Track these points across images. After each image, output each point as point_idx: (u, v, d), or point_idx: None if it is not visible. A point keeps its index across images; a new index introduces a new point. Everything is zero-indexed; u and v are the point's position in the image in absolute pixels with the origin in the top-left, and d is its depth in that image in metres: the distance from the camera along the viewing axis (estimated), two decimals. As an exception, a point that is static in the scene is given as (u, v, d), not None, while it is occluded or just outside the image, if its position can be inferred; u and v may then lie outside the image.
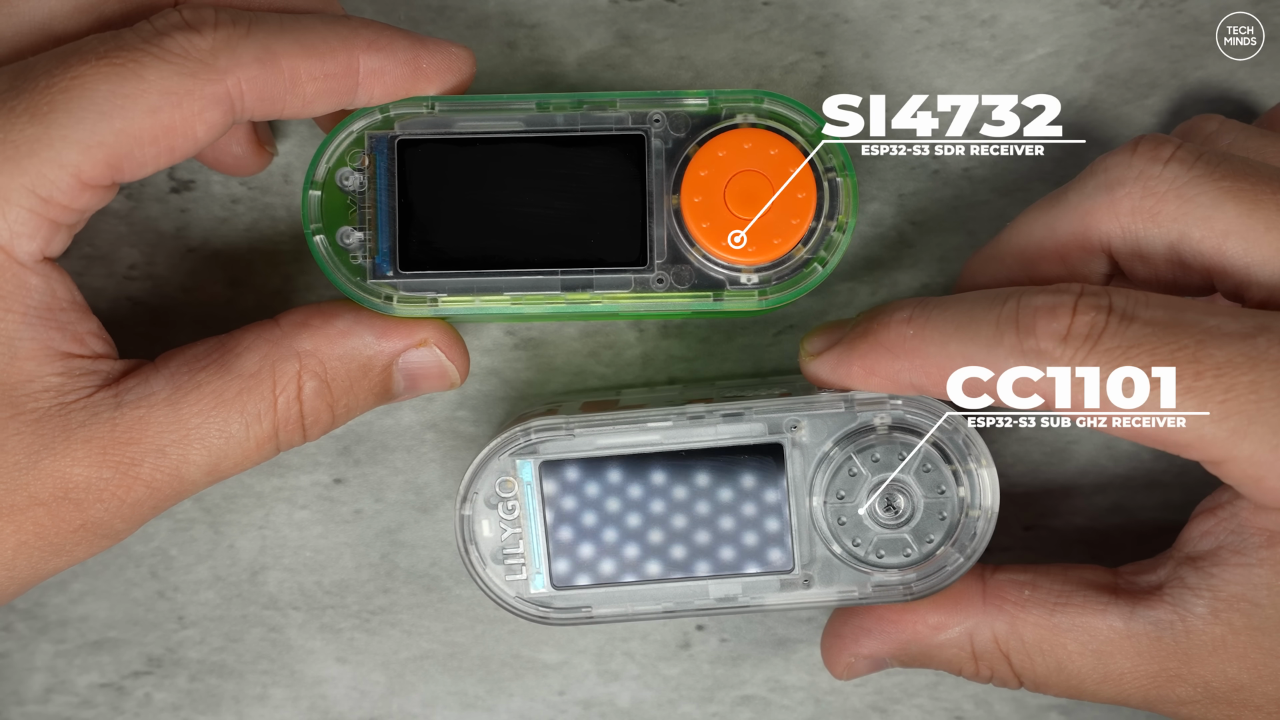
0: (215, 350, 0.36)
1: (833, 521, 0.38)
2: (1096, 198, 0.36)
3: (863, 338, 0.37)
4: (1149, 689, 0.36)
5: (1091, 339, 0.34)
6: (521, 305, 0.38)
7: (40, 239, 0.34)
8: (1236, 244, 0.35)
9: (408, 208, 0.38)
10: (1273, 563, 0.35)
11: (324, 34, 0.35)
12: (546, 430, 0.38)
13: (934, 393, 0.36)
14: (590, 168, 0.38)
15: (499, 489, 0.38)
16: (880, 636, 0.38)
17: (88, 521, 0.35)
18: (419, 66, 0.37)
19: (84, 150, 0.33)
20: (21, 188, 0.33)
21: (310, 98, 0.36)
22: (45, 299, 0.35)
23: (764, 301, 0.38)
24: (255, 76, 0.35)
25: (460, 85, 0.38)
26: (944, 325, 0.35)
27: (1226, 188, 0.35)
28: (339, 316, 0.37)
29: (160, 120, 0.34)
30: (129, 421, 0.35)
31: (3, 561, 0.35)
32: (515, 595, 0.38)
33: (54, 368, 0.35)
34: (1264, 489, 0.34)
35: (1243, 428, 0.33)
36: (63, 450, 0.34)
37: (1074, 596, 0.37)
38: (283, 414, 0.37)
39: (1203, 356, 0.33)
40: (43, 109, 0.33)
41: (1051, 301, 0.34)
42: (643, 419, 0.38)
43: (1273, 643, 0.35)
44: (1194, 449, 0.34)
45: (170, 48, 0.34)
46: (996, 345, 0.34)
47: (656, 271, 0.38)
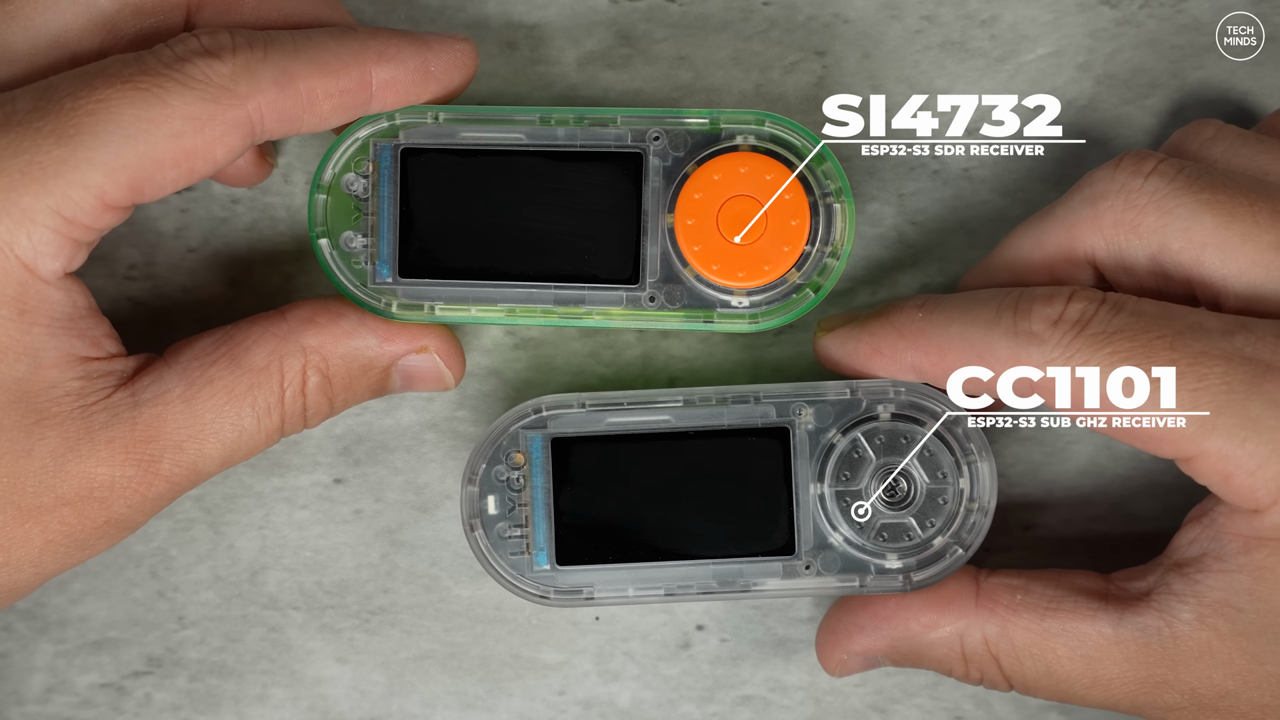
0: (223, 343, 0.37)
1: (836, 507, 0.38)
2: (1081, 211, 0.37)
3: (875, 318, 0.38)
4: (1137, 694, 0.36)
5: (1080, 324, 0.35)
6: (516, 316, 0.38)
7: (63, 258, 0.35)
8: (1213, 255, 0.36)
9: (408, 216, 0.39)
10: (1251, 568, 0.35)
11: (336, 50, 0.36)
12: (557, 406, 0.39)
13: (932, 373, 0.37)
14: (588, 183, 0.38)
15: (507, 463, 0.39)
16: (873, 633, 0.39)
17: (111, 518, 0.36)
18: (428, 71, 0.37)
19: (108, 173, 0.34)
20: (47, 208, 0.34)
21: (326, 114, 0.36)
22: (67, 310, 0.35)
23: (756, 325, 0.38)
24: (274, 100, 0.35)
25: (467, 80, 0.38)
26: (950, 310, 0.37)
27: (1205, 200, 0.36)
28: (344, 316, 0.38)
29: (183, 145, 0.34)
30: (147, 420, 0.36)
31: (30, 559, 0.36)
32: (518, 573, 0.39)
33: (74, 373, 0.35)
34: (1232, 486, 0.34)
35: (1211, 420, 0.34)
36: (87, 451, 0.35)
37: (1065, 602, 0.37)
38: (289, 407, 0.38)
39: (1180, 345, 0.34)
40: (69, 131, 0.34)
41: (1050, 291, 0.36)
42: (653, 399, 0.39)
43: (1257, 648, 0.35)
44: (1165, 441, 0.35)
45: (192, 74, 0.34)
46: (993, 326, 0.36)
47: (649, 290, 0.39)
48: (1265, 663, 0.35)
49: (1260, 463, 0.34)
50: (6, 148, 0.34)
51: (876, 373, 0.38)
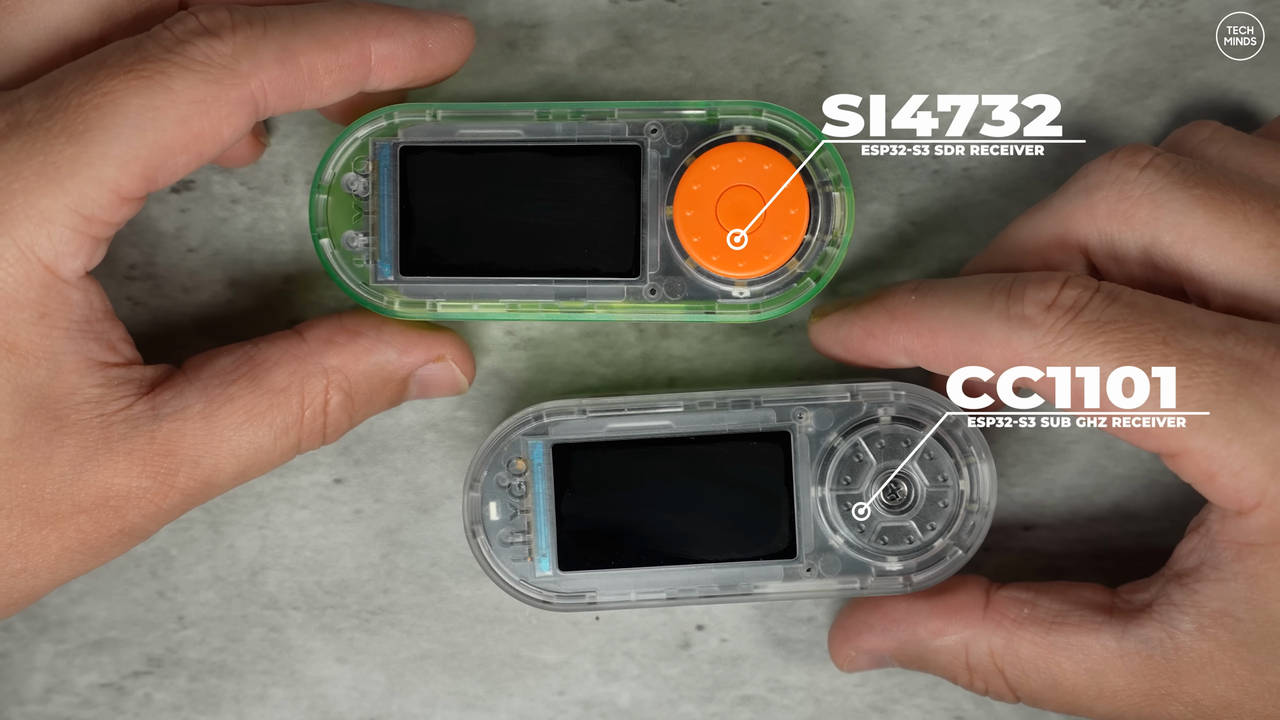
0: (244, 363, 0.37)
1: (836, 510, 0.38)
2: (1076, 200, 0.37)
3: (868, 302, 0.38)
4: (1142, 707, 0.36)
5: (1074, 310, 0.35)
6: (518, 312, 0.38)
7: (83, 256, 0.35)
8: (1203, 251, 0.36)
9: (409, 214, 0.39)
10: (1245, 576, 0.35)
11: (336, 25, 0.36)
12: (558, 412, 0.39)
13: (924, 356, 0.37)
14: (587, 177, 0.38)
15: (509, 470, 0.39)
16: (882, 633, 0.39)
17: (126, 527, 0.36)
18: (426, 48, 0.37)
19: (122, 165, 0.34)
20: (65, 208, 0.34)
21: (326, 89, 0.36)
22: (85, 312, 0.36)
23: (757, 315, 0.38)
24: (277, 77, 0.35)
25: (463, 59, 0.38)
26: (943, 293, 0.37)
27: (1198, 195, 0.36)
28: (362, 333, 0.39)
29: (191, 129, 0.34)
30: (166, 434, 0.36)
31: (47, 565, 0.36)
32: (520, 579, 0.39)
33: (94, 379, 0.35)
34: (1216, 486, 0.34)
35: (1198, 419, 0.34)
36: (106, 462, 0.35)
37: (1070, 615, 0.37)
38: (308, 426, 0.38)
39: (1172, 341, 0.34)
40: (78, 128, 0.34)
41: (1044, 276, 0.36)
42: (654, 404, 0.39)
43: (1258, 658, 0.35)
44: (1151, 436, 0.35)
45: (194, 55, 0.34)
46: (986, 309, 0.36)
47: (649, 282, 0.39)
48: (1265, 673, 0.35)
49: (1244, 464, 0.34)
50: (20, 150, 0.34)
51: (870, 355, 0.38)
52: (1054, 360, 0.35)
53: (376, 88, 0.38)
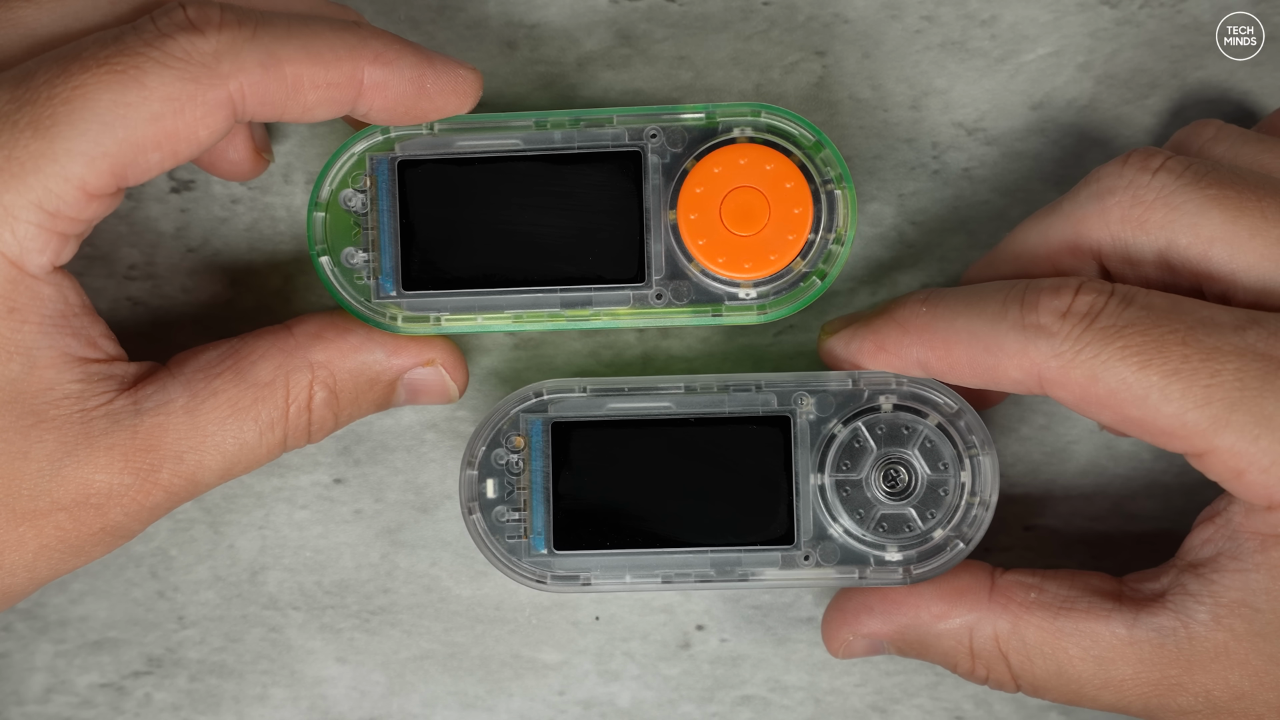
0: (229, 356, 0.37)
1: (836, 497, 0.38)
2: (1088, 206, 0.37)
3: (879, 315, 0.38)
4: (1150, 697, 0.36)
5: (1089, 317, 0.35)
6: (523, 323, 0.38)
7: (50, 251, 0.34)
8: (1222, 250, 0.35)
9: (409, 228, 0.39)
10: (1268, 567, 0.35)
11: (330, 41, 0.35)
12: (558, 390, 0.39)
13: (938, 369, 0.37)
14: (588, 185, 0.38)
15: (507, 446, 0.39)
16: (882, 616, 0.39)
17: (107, 525, 0.36)
18: (423, 86, 0.36)
19: (88, 162, 0.33)
20: (28, 203, 0.33)
21: (311, 104, 0.35)
22: (59, 307, 0.35)
23: (764, 316, 0.38)
24: (258, 82, 0.34)
25: (462, 109, 0.37)
26: (955, 304, 0.37)
27: (1213, 195, 0.35)
28: (351, 330, 0.38)
29: (163, 127, 0.34)
30: (148, 429, 0.35)
31: (24, 563, 0.35)
32: (515, 557, 0.39)
33: (73, 374, 0.35)
34: (1245, 483, 0.34)
35: (1224, 416, 0.33)
36: (86, 458, 0.35)
37: (1079, 602, 0.37)
38: (293, 422, 0.37)
39: (1192, 341, 0.34)
40: (45, 122, 0.33)
41: (1057, 283, 0.36)
42: (655, 385, 0.39)
43: (1274, 649, 0.35)
44: (1177, 437, 0.34)
45: (173, 51, 0.33)
46: (1000, 320, 0.35)
47: (655, 287, 0.39)
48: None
49: (1273, 459, 0.33)
50: None
51: (880, 367, 0.38)
52: (1073, 368, 0.34)
53: (365, 115, 0.37)
